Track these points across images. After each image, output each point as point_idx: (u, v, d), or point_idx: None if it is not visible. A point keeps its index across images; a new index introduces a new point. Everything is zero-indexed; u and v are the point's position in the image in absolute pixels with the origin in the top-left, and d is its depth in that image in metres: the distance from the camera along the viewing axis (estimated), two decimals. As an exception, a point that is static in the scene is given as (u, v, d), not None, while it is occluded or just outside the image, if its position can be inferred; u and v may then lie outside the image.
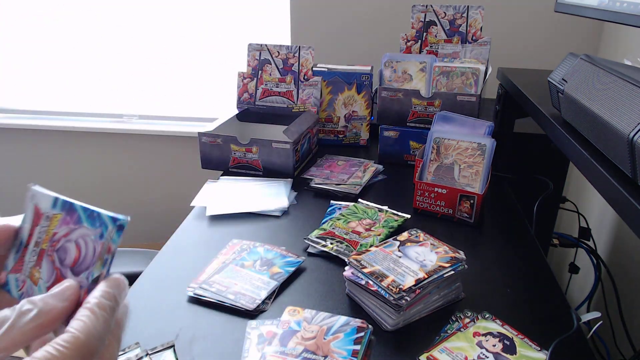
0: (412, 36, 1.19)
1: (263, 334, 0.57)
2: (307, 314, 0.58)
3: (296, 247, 0.78)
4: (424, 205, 0.88)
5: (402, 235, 0.69)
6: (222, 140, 1.03)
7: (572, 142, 0.65)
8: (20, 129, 2.13)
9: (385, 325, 0.59)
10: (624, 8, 0.65)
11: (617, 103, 0.54)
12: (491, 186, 0.97)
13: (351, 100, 1.19)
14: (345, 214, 0.84)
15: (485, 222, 0.86)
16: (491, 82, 1.42)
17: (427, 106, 1.05)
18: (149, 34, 1.94)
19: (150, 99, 2.06)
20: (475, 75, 1.04)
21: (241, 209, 0.88)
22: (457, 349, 0.55)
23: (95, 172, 2.17)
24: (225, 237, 0.80)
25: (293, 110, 1.18)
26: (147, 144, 2.09)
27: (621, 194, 0.50)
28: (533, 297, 0.66)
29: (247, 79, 1.20)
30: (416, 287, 0.58)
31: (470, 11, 1.15)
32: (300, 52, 1.16)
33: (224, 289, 0.65)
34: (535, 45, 1.60)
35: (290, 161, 1.01)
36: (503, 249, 0.78)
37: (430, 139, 0.90)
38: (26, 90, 2.12)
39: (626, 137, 0.49)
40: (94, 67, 2.03)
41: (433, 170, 0.89)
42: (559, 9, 0.87)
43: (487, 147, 0.85)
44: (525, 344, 0.56)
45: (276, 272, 0.69)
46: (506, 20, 1.58)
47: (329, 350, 0.53)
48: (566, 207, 1.21)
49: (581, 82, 0.65)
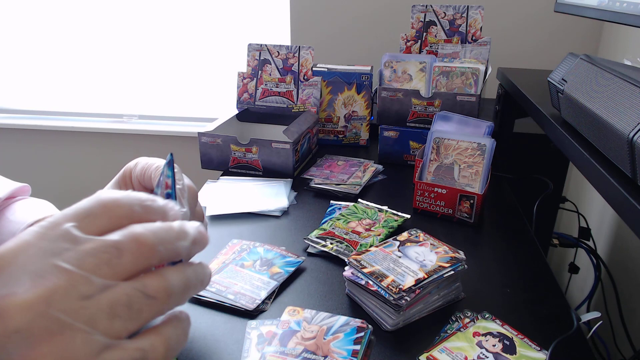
0: (412, 36, 1.19)
1: (263, 334, 0.57)
2: (307, 314, 0.58)
3: (296, 247, 0.78)
4: (423, 205, 0.88)
5: (402, 235, 0.69)
6: (222, 141, 1.03)
7: (572, 142, 0.65)
8: (20, 129, 2.13)
9: (385, 325, 0.59)
10: (624, 8, 0.65)
11: (617, 103, 0.54)
12: (491, 186, 0.97)
13: (351, 100, 1.19)
14: (345, 214, 0.84)
15: (485, 222, 0.86)
16: (491, 82, 1.42)
17: (427, 106, 1.05)
18: (149, 34, 1.94)
19: (150, 99, 2.06)
20: (475, 75, 1.04)
21: (241, 209, 0.88)
22: (457, 349, 0.55)
23: (95, 172, 2.17)
24: (225, 237, 0.80)
25: (293, 110, 1.18)
26: (147, 144, 2.09)
27: (621, 194, 0.50)
28: (533, 297, 0.66)
29: (247, 79, 1.20)
30: (416, 287, 0.58)
31: (470, 11, 1.15)
32: (300, 52, 1.16)
33: (224, 289, 0.65)
34: (535, 45, 1.60)
35: (290, 161, 1.01)
36: (503, 249, 0.78)
37: (430, 139, 0.90)
38: (26, 90, 2.12)
39: (626, 137, 0.49)
40: (94, 67, 2.03)
41: (433, 170, 0.89)
42: (558, 9, 0.87)
43: (487, 147, 0.85)
44: (525, 344, 0.56)
45: (276, 272, 0.69)
46: (506, 20, 1.58)
47: (329, 350, 0.53)
48: (566, 207, 1.21)
49: (581, 82, 0.65)
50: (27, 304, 0.23)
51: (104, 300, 0.24)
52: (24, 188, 0.66)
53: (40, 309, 0.23)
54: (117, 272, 0.26)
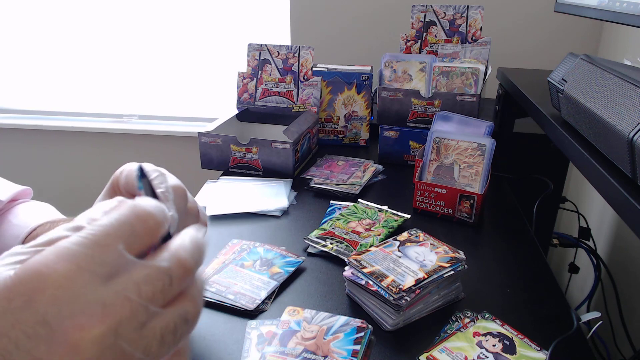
0: (412, 36, 1.19)
1: (263, 334, 0.57)
2: (307, 314, 0.58)
3: (296, 247, 0.78)
4: (423, 205, 0.88)
5: (402, 235, 0.69)
6: (222, 140, 1.03)
7: (572, 142, 0.65)
8: (20, 129, 2.13)
9: (385, 325, 0.59)
10: (624, 8, 0.65)
11: (617, 103, 0.54)
12: (491, 186, 0.97)
13: (351, 100, 1.19)
14: (345, 214, 0.84)
15: (485, 222, 0.86)
16: (491, 82, 1.42)
17: (427, 106, 1.05)
18: (149, 33, 1.94)
19: (150, 99, 2.06)
20: (475, 75, 1.04)
21: (241, 209, 0.88)
22: (457, 349, 0.55)
23: (95, 172, 2.17)
24: (225, 237, 0.80)
25: (293, 110, 1.18)
26: (147, 144, 2.09)
27: (621, 194, 0.50)
28: (533, 297, 0.66)
29: (247, 79, 1.20)
30: (416, 287, 0.58)
31: (470, 11, 1.15)
32: (300, 52, 1.16)
33: (224, 289, 0.65)
34: (535, 45, 1.60)
35: (290, 161, 1.01)
36: (503, 249, 0.78)
37: (430, 139, 0.90)
38: (26, 90, 2.12)
39: (626, 137, 0.49)
40: (94, 67, 2.03)
41: (433, 170, 0.89)
42: (558, 9, 0.87)
43: (487, 147, 0.85)
44: (525, 344, 0.56)
45: (276, 272, 0.69)
46: (506, 20, 1.58)
47: (329, 350, 0.53)
48: (566, 207, 1.21)
49: (581, 82, 0.65)
50: (99, 337, 0.23)
51: (157, 329, 0.25)
52: (26, 191, 0.66)
53: (110, 342, 0.23)
54: (166, 299, 0.26)
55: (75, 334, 0.22)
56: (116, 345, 0.23)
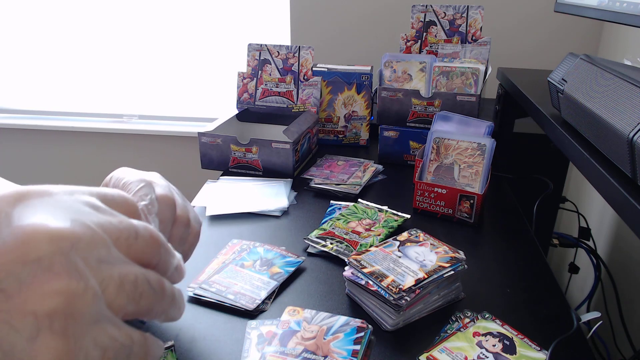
0: (412, 36, 1.19)
1: (263, 334, 0.57)
2: (307, 314, 0.58)
3: (296, 247, 0.78)
4: (423, 205, 0.88)
5: (402, 235, 0.69)
6: (222, 141, 1.03)
7: (572, 142, 0.65)
8: (20, 129, 2.13)
9: (385, 325, 0.59)
10: (624, 8, 0.65)
11: (617, 103, 0.54)
12: (491, 186, 0.97)
13: (351, 100, 1.19)
14: (345, 214, 0.84)
15: (485, 222, 0.86)
16: (491, 82, 1.42)
17: (427, 106, 1.05)
18: (148, 33, 1.94)
19: (150, 99, 2.06)
20: (475, 75, 1.04)
21: (241, 209, 0.88)
22: (457, 349, 0.55)
23: (95, 172, 2.17)
24: (225, 237, 0.80)
25: (293, 110, 1.18)
26: (147, 144, 2.09)
27: (621, 194, 0.50)
28: (533, 297, 0.66)
29: (247, 79, 1.20)
30: (416, 287, 0.58)
31: (470, 11, 1.15)
32: (300, 52, 1.16)
33: (224, 289, 0.65)
34: (535, 45, 1.60)
35: (290, 161, 1.01)
36: (503, 249, 0.78)
37: (430, 139, 0.90)
38: (26, 90, 2.12)
39: (626, 137, 0.49)
40: (94, 67, 2.03)
41: (433, 170, 0.89)
42: (558, 9, 0.87)
43: (487, 147, 0.85)
44: (525, 344, 0.56)
45: (276, 272, 0.69)
46: (506, 20, 1.58)
47: (329, 350, 0.53)
48: (566, 207, 1.21)
49: (581, 82, 0.65)
50: (56, 237, 0.22)
51: (116, 271, 0.25)
52: None
53: (65, 247, 0.22)
54: (130, 252, 0.26)
55: (32, 228, 0.22)
56: (70, 256, 0.23)
